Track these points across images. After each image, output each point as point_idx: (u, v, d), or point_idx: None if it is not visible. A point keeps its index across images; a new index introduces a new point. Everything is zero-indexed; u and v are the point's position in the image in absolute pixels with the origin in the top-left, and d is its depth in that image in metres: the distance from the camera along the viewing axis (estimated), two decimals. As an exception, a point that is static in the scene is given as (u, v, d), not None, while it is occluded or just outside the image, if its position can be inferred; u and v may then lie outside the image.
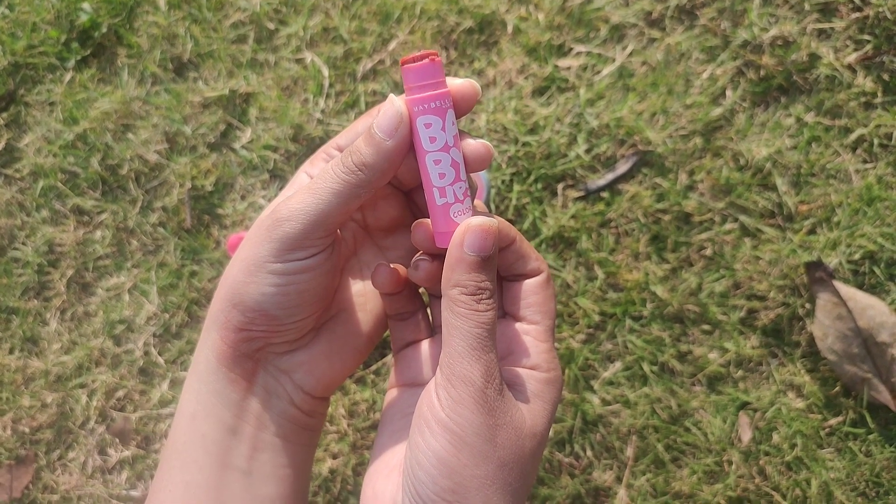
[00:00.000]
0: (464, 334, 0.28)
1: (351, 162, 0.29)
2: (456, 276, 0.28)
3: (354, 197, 0.29)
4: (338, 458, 0.79)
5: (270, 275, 0.30)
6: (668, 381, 0.76)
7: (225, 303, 0.31)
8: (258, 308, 0.30)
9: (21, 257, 0.89)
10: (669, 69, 0.81)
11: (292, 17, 0.89)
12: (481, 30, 0.85)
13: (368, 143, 0.29)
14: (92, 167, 0.89)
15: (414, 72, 0.27)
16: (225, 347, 0.32)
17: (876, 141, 0.76)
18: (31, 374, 0.86)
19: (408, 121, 0.29)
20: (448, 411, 0.27)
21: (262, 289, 0.30)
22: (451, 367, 0.28)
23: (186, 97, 0.89)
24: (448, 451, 0.27)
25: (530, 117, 0.82)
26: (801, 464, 0.73)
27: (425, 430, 0.28)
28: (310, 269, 0.30)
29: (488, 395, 0.27)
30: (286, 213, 0.29)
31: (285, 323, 0.32)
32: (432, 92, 0.28)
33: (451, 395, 0.27)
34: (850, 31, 0.78)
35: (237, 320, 0.31)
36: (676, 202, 0.78)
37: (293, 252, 0.30)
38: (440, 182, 0.29)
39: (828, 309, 0.73)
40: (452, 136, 0.29)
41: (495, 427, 0.27)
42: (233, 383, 0.32)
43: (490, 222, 0.29)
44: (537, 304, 0.32)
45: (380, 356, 0.81)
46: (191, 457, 0.32)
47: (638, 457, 0.75)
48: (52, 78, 0.93)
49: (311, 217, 0.29)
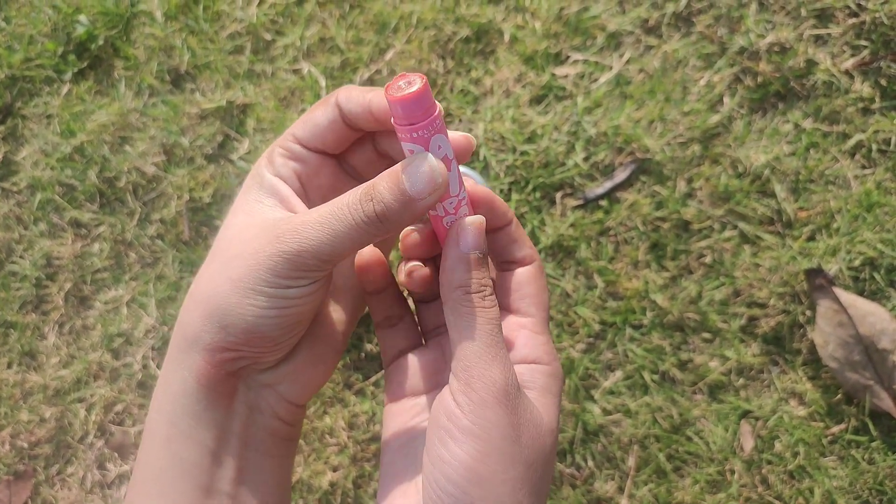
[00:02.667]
0: (476, 333, 0.27)
1: (373, 212, 0.27)
2: (458, 276, 0.28)
3: (368, 243, 0.28)
4: (338, 470, 0.79)
5: (268, 298, 0.29)
6: (669, 390, 0.75)
7: (210, 324, 0.29)
8: (253, 330, 0.29)
9: (19, 271, 0.89)
10: (666, 76, 0.80)
11: (289, 28, 0.89)
12: (478, 39, 0.85)
13: (397, 197, 0.27)
14: (89, 180, 0.89)
15: (394, 104, 0.26)
16: (209, 368, 0.30)
17: (874, 146, 0.76)
18: (30, 388, 0.86)
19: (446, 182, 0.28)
20: (471, 416, 0.26)
21: (258, 311, 0.29)
22: (467, 369, 0.27)
23: (184, 109, 0.89)
24: (476, 458, 0.26)
25: (528, 126, 0.82)
26: (803, 472, 0.72)
27: (448, 441, 0.27)
28: (310, 294, 0.30)
29: (510, 393, 0.27)
30: (294, 246, 0.28)
31: (280, 343, 0.31)
32: (411, 125, 0.27)
33: (471, 399, 0.26)
34: (847, 37, 0.78)
35: (226, 341, 0.29)
36: (675, 210, 0.78)
37: (297, 280, 0.29)
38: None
39: (828, 316, 0.72)
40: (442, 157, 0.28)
41: (519, 426, 0.27)
42: (213, 404, 0.30)
43: (479, 219, 0.28)
44: (531, 296, 0.31)
45: (378, 367, 0.80)
46: (170, 483, 0.30)
47: (639, 467, 0.75)
48: (49, 90, 0.93)
49: (322, 256, 0.28)
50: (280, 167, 0.32)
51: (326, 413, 0.80)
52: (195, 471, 0.30)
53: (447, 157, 0.28)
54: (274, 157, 0.32)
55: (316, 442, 0.80)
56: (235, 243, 0.30)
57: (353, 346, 0.81)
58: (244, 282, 0.29)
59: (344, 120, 0.32)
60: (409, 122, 0.26)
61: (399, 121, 0.27)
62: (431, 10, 0.85)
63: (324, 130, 0.32)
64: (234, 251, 0.30)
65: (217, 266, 0.30)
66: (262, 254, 0.29)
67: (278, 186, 0.32)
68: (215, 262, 0.31)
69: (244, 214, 0.31)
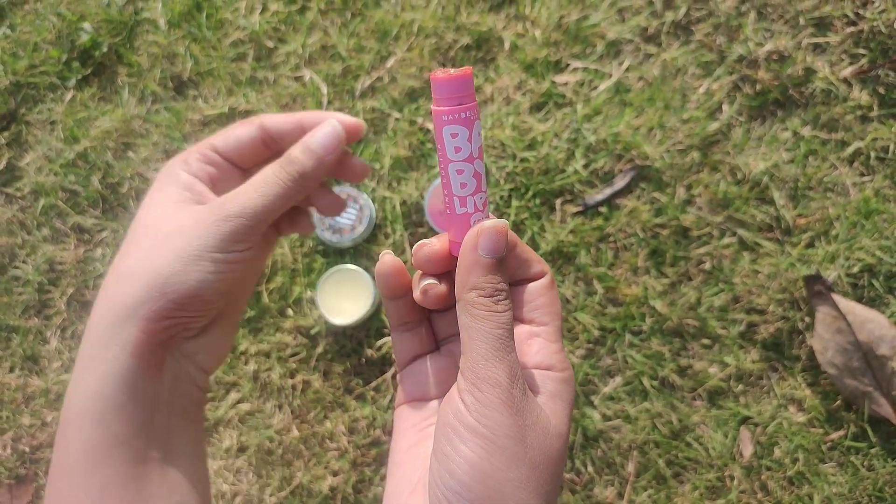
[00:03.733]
0: (485, 336, 0.28)
1: (294, 170, 0.34)
2: (473, 279, 0.28)
3: (291, 199, 0.35)
4: (338, 475, 0.79)
5: (213, 263, 0.33)
6: (668, 396, 0.76)
7: (151, 293, 0.33)
8: (195, 294, 0.33)
9: (22, 276, 0.89)
10: (666, 84, 0.81)
11: (291, 36, 0.90)
12: (478, 46, 0.86)
13: (309, 156, 0.35)
14: (92, 185, 0.89)
15: (443, 84, 0.28)
16: (144, 337, 0.33)
17: (873, 154, 0.76)
18: (32, 392, 0.86)
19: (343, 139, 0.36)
20: (476, 415, 0.27)
21: (202, 276, 0.33)
22: (474, 370, 0.27)
23: (186, 115, 0.90)
24: (481, 455, 0.26)
25: (528, 133, 0.82)
26: (803, 478, 0.72)
27: (454, 438, 0.27)
28: (246, 260, 0.35)
29: (514, 395, 0.27)
30: (237, 209, 0.33)
31: (215, 305, 0.35)
32: (460, 105, 0.28)
33: (477, 398, 0.27)
34: (846, 45, 0.79)
35: (166, 308, 0.33)
36: (674, 216, 0.78)
37: (237, 243, 0.34)
38: (461, 192, 0.29)
39: (827, 322, 0.73)
40: (477, 148, 0.29)
41: (524, 427, 0.27)
42: (145, 375, 0.33)
43: (501, 223, 0.29)
44: (544, 306, 0.32)
45: (379, 372, 0.81)
46: (101, 460, 0.32)
47: (639, 472, 0.75)
48: (52, 97, 0.94)
49: (257, 215, 0.34)
50: (196, 169, 0.37)
51: (327, 418, 0.81)
52: (129, 443, 0.32)
53: (481, 148, 0.29)
54: (190, 160, 0.37)
55: (316, 447, 0.80)
56: (168, 222, 0.34)
57: (354, 352, 0.81)
58: (188, 251, 0.33)
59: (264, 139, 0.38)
60: (458, 101, 0.27)
61: (447, 102, 0.28)
62: (432, 18, 0.86)
63: (243, 145, 0.38)
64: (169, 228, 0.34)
65: (151, 242, 0.34)
66: (205, 223, 0.33)
67: (194, 184, 0.37)
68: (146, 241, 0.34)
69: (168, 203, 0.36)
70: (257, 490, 0.80)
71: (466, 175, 0.29)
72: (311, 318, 0.82)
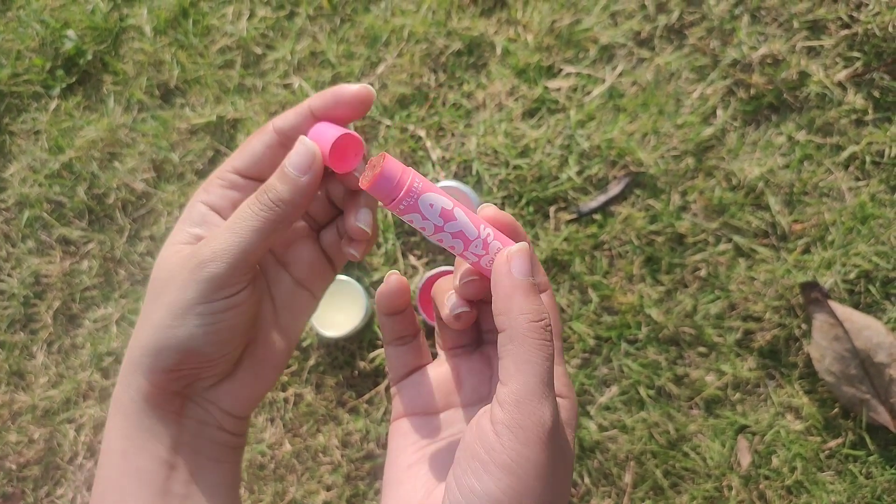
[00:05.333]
0: (536, 369, 0.26)
1: (268, 199, 0.31)
2: (518, 304, 0.27)
3: (273, 231, 0.31)
4: (331, 490, 0.78)
5: (198, 316, 0.31)
6: (665, 406, 0.75)
7: (148, 349, 0.32)
8: (186, 349, 0.31)
9: (6, 289, 0.88)
10: (660, 89, 0.80)
11: (279, 42, 0.88)
12: (470, 52, 0.85)
13: (283, 180, 0.31)
14: (78, 196, 0.88)
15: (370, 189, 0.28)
16: (152, 389, 0.32)
17: (868, 158, 0.76)
18: (18, 408, 0.85)
19: (320, 158, 0.32)
20: (513, 454, 0.26)
21: (190, 331, 0.31)
22: (518, 405, 0.26)
23: (173, 124, 0.88)
24: (509, 495, 0.25)
25: (521, 140, 0.81)
26: (801, 487, 0.72)
27: (483, 475, 0.26)
28: (236, 306, 0.32)
29: (553, 434, 0.26)
30: (209, 254, 0.31)
31: (215, 358, 0.33)
32: (392, 200, 0.28)
33: (518, 437, 0.26)
34: (840, 49, 0.78)
35: (165, 364, 0.32)
36: (669, 223, 0.77)
37: (219, 291, 0.31)
38: (456, 252, 0.30)
39: (824, 330, 0.72)
40: (438, 216, 0.29)
41: (554, 466, 0.26)
42: (163, 419, 0.33)
43: (524, 245, 0.29)
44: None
45: (372, 385, 0.79)
46: (129, 491, 0.32)
47: (636, 483, 0.74)
48: (37, 106, 0.92)
49: (234, 256, 0.30)
50: (217, 197, 0.34)
51: (320, 431, 0.79)
52: (151, 478, 0.32)
53: (444, 210, 0.28)
54: (211, 188, 0.34)
55: (309, 461, 0.79)
56: (163, 272, 0.33)
57: (346, 364, 0.80)
58: (175, 305, 0.31)
59: (282, 143, 0.34)
60: (390, 198, 0.28)
61: (385, 201, 0.28)
62: (423, 23, 0.85)
63: (261, 157, 0.34)
64: (163, 278, 0.32)
65: (152, 295, 0.33)
66: (184, 275, 0.31)
67: (207, 216, 0.34)
68: (151, 289, 0.33)
69: (172, 246, 0.34)
70: (250, 505, 0.79)
71: (447, 240, 0.29)
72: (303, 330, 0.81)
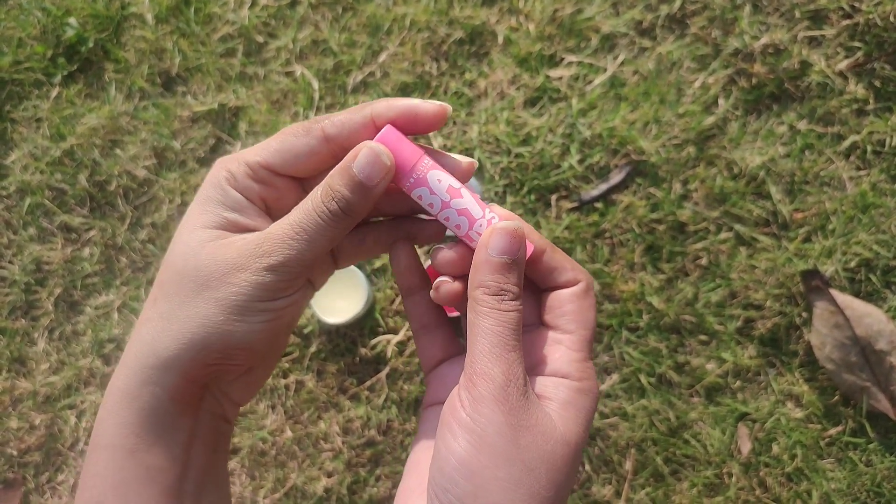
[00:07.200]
0: (485, 332, 0.28)
1: (337, 208, 0.30)
2: (479, 276, 0.28)
3: (338, 237, 0.30)
4: (332, 476, 0.78)
5: (260, 313, 0.30)
6: (665, 393, 0.75)
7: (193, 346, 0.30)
8: (240, 345, 0.31)
9: (8, 276, 0.88)
10: (661, 78, 0.80)
11: (281, 30, 0.88)
12: (472, 41, 0.85)
13: (354, 189, 0.30)
14: (79, 184, 0.88)
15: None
16: (184, 384, 0.31)
17: (869, 148, 0.76)
18: (19, 395, 0.85)
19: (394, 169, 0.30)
20: (469, 411, 0.27)
21: (249, 327, 0.30)
22: (472, 365, 0.28)
23: (175, 112, 0.88)
24: (469, 451, 0.26)
25: (522, 128, 0.81)
26: (801, 475, 0.72)
27: (447, 435, 0.27)
28: (294, 304, 0.32)
29: (509, 392, 0.27)
30: (281, 258, 0.30)
31: (263, 354, 0.33)
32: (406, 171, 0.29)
33: (472, 394, 0.27)
34: (841, 38, 0.78)
35: (209, 359, 0.31)
36: (671, 212, 0.77)
37: (283, 290, 0.30)
38: (460, 232, 0.30)
39: (825, 317, 0.72)
40: (446, 192, 0.29)
41: (518, 427, 0.27)
42: (182, 414, 0.32)
43: (513, 225, 0.29)
44: (571, 314, 0.32)
45: (373, 372, 0.79)
46: (134, 492, 0.31)
47: (637, 470, 0.74)
48: (38, 94, 0.92)
49: (303, 264, 0.30)
50: (244, 186, 0.32)
51: (321, 418, 0.79)
52: (162, 477, 0.31)
53: (452, 188, 0.29)
54: (238, 173, 0.32)
55: (310, 447, 0.79)
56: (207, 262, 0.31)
57: (348, 351, 0.80)
58: (232, 301, 0.30)
59: (333, 151, 0.32)
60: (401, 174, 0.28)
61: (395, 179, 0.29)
62: (425, 12, 0.85)
63: (303, 160, 0.32)
64: (210, 271, 0.30)
65: (192, 287, 0.31)
66: (247, 272, 0.30)
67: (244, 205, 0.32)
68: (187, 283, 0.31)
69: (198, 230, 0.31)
70: (251, 492, 0.79)
71: (453, 220, 0.30)
72: (304, 317, 0.81)
